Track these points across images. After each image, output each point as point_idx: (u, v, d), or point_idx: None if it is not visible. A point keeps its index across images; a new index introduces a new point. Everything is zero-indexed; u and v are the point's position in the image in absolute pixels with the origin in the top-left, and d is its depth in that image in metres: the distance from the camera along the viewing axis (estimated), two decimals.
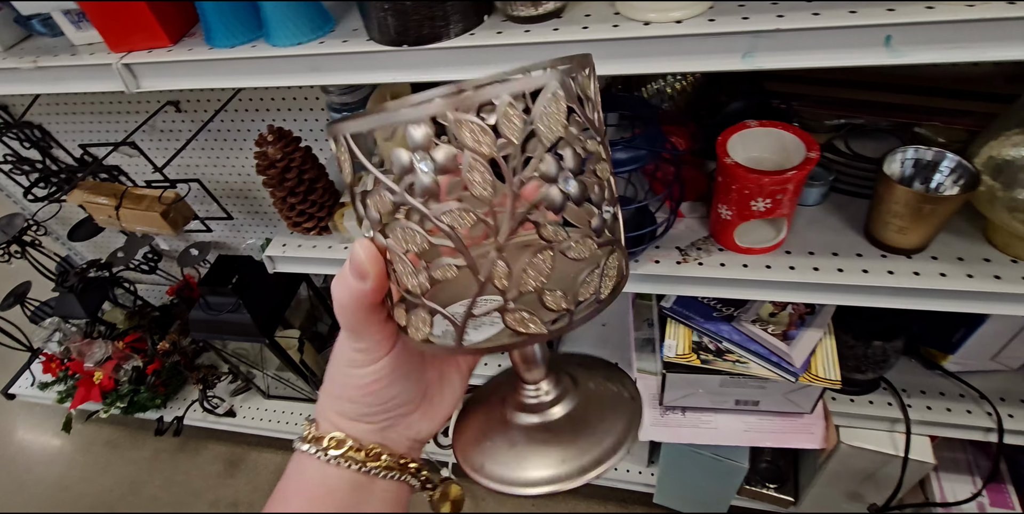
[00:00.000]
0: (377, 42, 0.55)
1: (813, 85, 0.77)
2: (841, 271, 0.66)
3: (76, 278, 1.55)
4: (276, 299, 1.30)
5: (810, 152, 0.63)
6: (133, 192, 1.21)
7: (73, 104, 1.26)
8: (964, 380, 0.87)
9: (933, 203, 0.61)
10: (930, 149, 0.63)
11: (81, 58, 0.67)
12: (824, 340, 0.74)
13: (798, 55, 0.46)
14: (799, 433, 0.80)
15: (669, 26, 0.47)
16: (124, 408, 1.48)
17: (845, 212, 0.73)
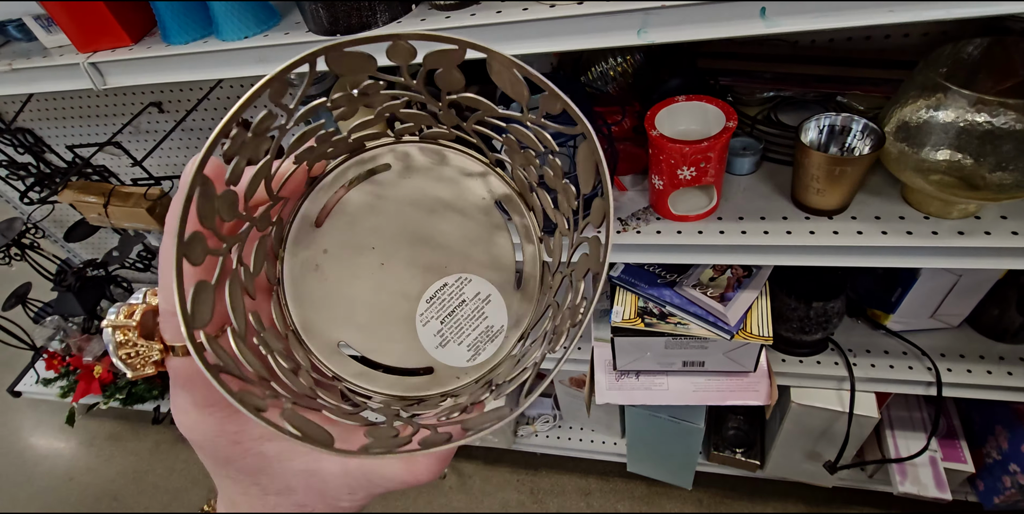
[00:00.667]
0: (314, 33, 0.60)
1: (742, 60, 0.81)
2: (767, 233, 0.71)
3: (74, 277, 1.62)
4: None
5: (728, 122, 0.67)
6: (120, 190, 1.26)
7: (61, 109, 1.32)
8: (907, 339, 0.91)
9: (844, 164, 0.65)
10: (839, 115, 0.68)
11: (52, 59, 0.72)
12: (759, 300, 0.79)
13: (686, 29, 0.50)
14: (744, 391, 0.85)
15: (571, 7, 0.52)
16: (123, 399, 1.54)
17: (775, 180, 0.78)
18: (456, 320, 0.26)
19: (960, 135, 0.59)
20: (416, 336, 0.26)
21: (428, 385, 0.26)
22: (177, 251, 0.17)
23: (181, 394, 0.22)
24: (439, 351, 0.26)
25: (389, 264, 0.26)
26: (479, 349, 0.26)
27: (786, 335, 0.91)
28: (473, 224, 0.26)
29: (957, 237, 0.65)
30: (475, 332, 0.26)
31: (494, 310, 0.26)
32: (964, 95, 0.57)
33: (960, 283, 0.82)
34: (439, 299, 0.26)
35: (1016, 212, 0.66)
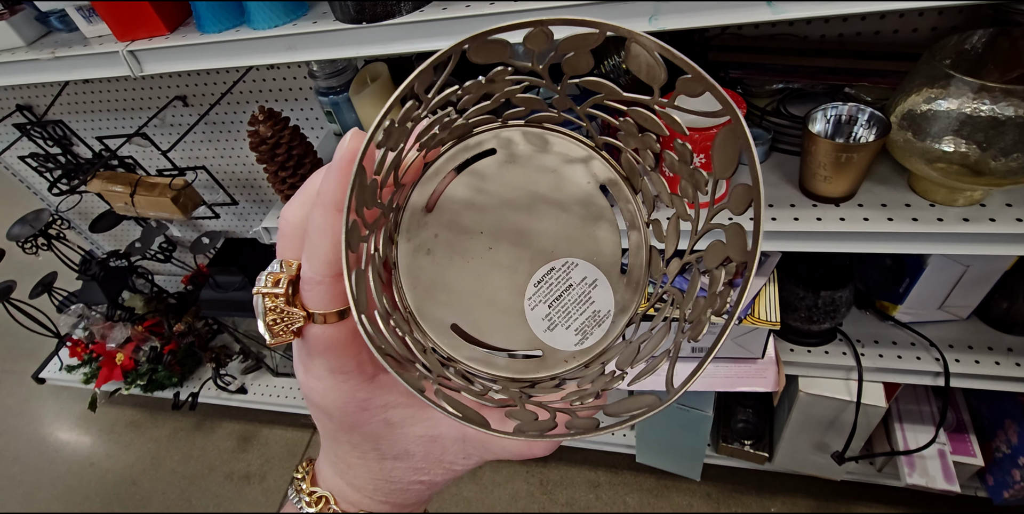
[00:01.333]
0: (341, 21, 0.63)
1: (752, 53, 0.83)
2: (774, 220, 0.73)
3: (98, 267, 1.66)
4: None
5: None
6: (146, 180, 1.30)
7: (91, 102, 1.37)
8: (915, 330, 0.92)
9: (850, 151, 0.67)
10: (846, 104, 0.69)
11: (92, 48, 0.76)
12: (767, 287, 0.81)
13: (695, 16, 0.52)
14: (752, 377, 0.86)
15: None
16: (144, 386, 1.59)
17: (784, 169, 0.79)
18: (563, 304, 0.26)
19: (964, 123, 0.61)
20: (525, 319, 0.26)
21: (536, 368, 0.26)
22: (344, 240, 0.18)
23: (317, 361, 0.23)
24: (547, 334, 0.26)
25: (497, 248, 0.26)
26: (586, 333, 0.26)
27: (794, 325, 0.92)
28: (577, 208, 0.26)
29: (962, 224, 0.66)
30: (582, 316, 0.26)
31: (600, 295, 0.26)
32: (967, 82, 0.58)
33: (968, 274, 0.83)
34: (546, 283, 0.26)
35: (1021, 200, 0.67)
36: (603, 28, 0.20)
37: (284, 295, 0.21)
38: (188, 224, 1.75)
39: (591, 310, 0.26)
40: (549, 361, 0.26)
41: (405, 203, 0.26)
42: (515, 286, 0.26)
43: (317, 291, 0.21)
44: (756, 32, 0.87)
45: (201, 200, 1.34)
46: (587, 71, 0.22)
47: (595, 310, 0.26)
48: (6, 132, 1.53)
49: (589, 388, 0.23)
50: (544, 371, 0.26)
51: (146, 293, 1.72)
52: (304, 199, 0.22)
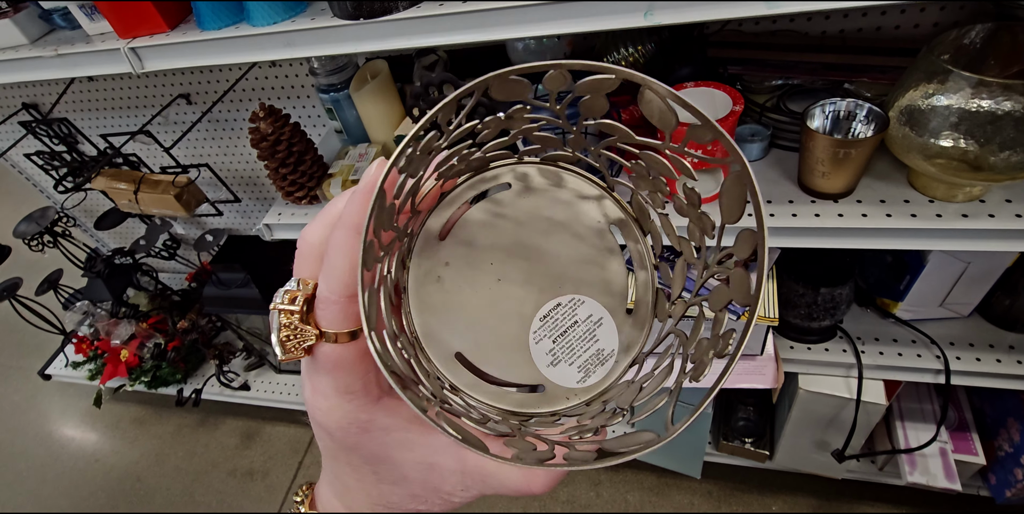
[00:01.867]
0: (339, 18, 0.63)
1: (751, 49, 0.83)
2: (772, 216, 0.72)
3: (103, 264, 1.68)
4: (282, 273, 1.40)
5: (735, 106, 0.69)
6: (150, 178, 1.31)
7: (95, 100, 1.38)
8: (916, 327, 0.92)
9: (848, 147, 0.67)
10: (845, 100, 0.69)
11: (94, 45, 0.76)
12: (766, 283, 0.80)
13: (690, 10, 0.52)
14: (751, 374, 0.86)
15: None
16: (148, 382, 1.60)
17: (783, 165, 0.79)
18: (568, 340, 0.26)
19: (963, 118, 0.60)
20: (528, 353, 0.26)
21: (537, 403, 0.27)
22: (361, 257, 0.19)
23: (324, 379, 0.23)
24: (550, 370, 0.26)
25: (506, 280, 0.26)
26: (589, 371, 0.26)
27: (794, 322, 0.92)
28: (586, 246, 0.27)
29: (961, 220, 0.66)
30: (586, 354, 0.26)
31: (605, 333, 0.26)
32: (965, 77, 0.58)
33: (969, 271, 0.83)
34: (552, 318, 0.26)
35: (1020, 196, 0.67)
36: (620, 75, 0.20)
37: (299, 312, 0.22)
38: (192, 221, 1.76)
39: (595, 348, 0.26)
40: (550, 397, 0.26)
41: (420, 229, 0.27)
42: (521, 319, 0.26)
43: (331, 310, 0.21)
44: (756, 28, 0.86)
45: (204, 197, 1.35)
46: (602, 113, 0.23)
47: (599, 348, 0.26)
48: (12, 130, 1.55)
49: (589, 424, 0.24)
50: (544, 406, 0.26)
51: (150, 290, 1.73)
52: (326, 220, 0.22)
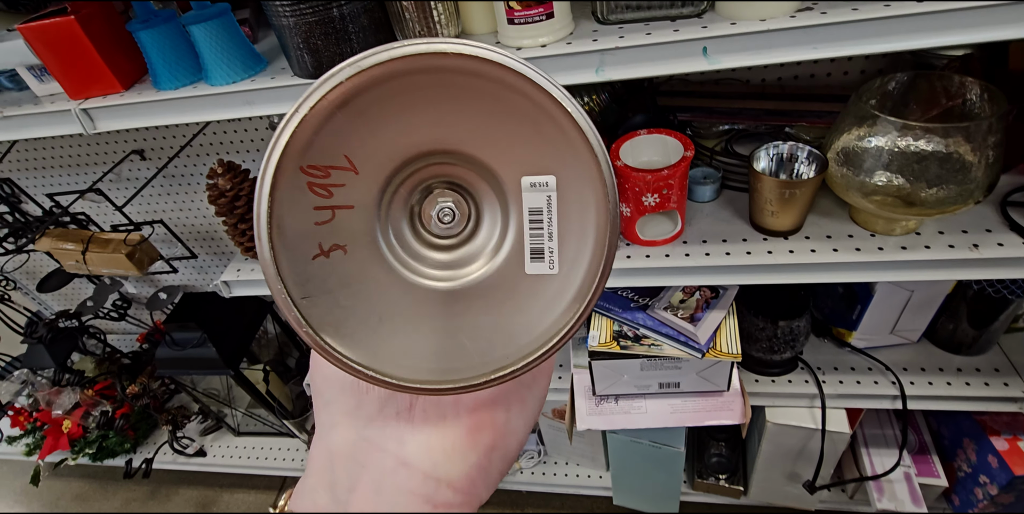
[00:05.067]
0: (299, 76, 0.64)
1: (699, 98, 0.88)
2: (728, 254, 0.75)
3: (45, 329, 1.59)
4: (241, 331, 1.35)
5: (686, 151, 0.73)
6: (99, 236, 1.27)
7: (43, 158, 1.34)
8: (871, 355, 0.95)
9: (793, 187, 0.71)
10: (786, 143, 0.74)
11: (43, 107, 0.75)
12: (727, 320, 0.83)
13: (638, 66, 0.56)
14: (720, 410, 0.87)
15: (535, 50, 0.58)
16: (93, 454, 1.49)
17: (735, 205, 0.83)
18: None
19: (893, 158, 0.65)
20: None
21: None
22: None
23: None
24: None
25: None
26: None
27: (757, 355, 0.94)
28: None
29: (901, 252, 0.70)
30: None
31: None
32: (891, 121, 0.63)
33: (913, 298, 0.87)
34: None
35: (951, 227, 0.72)
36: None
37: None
38: (144, 279, 1.69)
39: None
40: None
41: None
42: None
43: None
44: (702, 77, 0.92)
45: (158, 255, 1.31)
46: None
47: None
48: None
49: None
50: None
51: (98, 354, 1.64)
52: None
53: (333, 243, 0.24)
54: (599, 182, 0.23)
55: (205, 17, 0.65)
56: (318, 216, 0.23)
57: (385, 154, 0.23)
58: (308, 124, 0.21)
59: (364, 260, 0.25)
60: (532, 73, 0.21)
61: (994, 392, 0.87)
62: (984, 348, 0.93)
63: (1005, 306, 0.86)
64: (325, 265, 0.24)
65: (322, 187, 0.23)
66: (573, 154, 0.23)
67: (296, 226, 0.23)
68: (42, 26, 0.68)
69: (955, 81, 0.69)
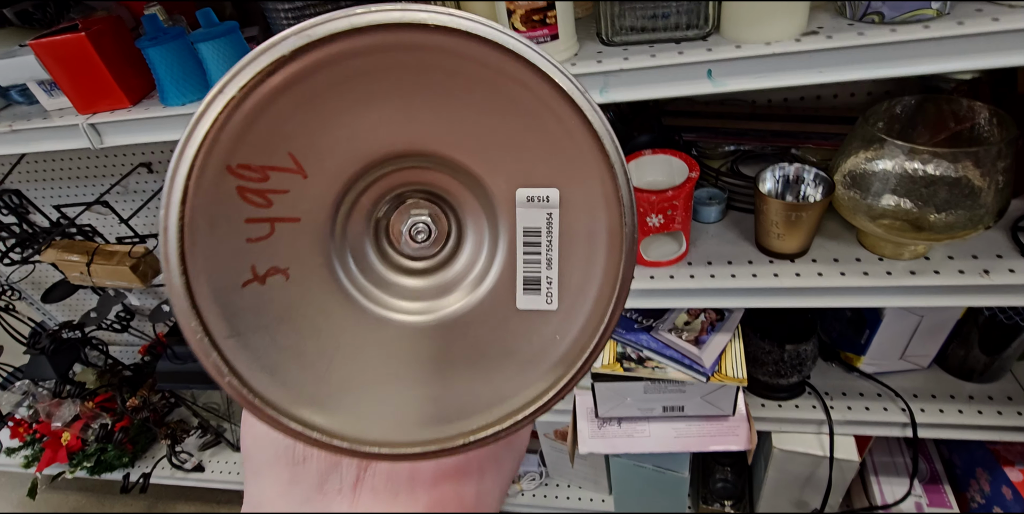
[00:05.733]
0: None
1: (704, 118, 0.88)
2: (734, 277, 0.74)
3: (48, 339, 1.59)
4: None
5: (691, 172, 0.72)
6: (104, 249, 1.27)
7: (51, 170, 1.35)
8: (880, 380, 0.93)
9: (799, 210, 0.70)
10: (792, 165, 0.73)
11: (52, 121, 0.76)
12: (732, 343, 0.81)
13: (642, 88, 0.55)
14: (725, 435, 0.85)
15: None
16: (91, 468, 1.48)
17: (740, 227, 0.82)
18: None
19: (900, 182, 0.64)
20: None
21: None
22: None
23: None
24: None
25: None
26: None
27: (763, 379, 0.92)
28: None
29: (909, 277, 0.69)
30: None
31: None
32: (898, 145, 0.62)
33: (923, 323, 0.86)
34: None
35: (961, 252, 0.70)
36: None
37: None
38: (148, 292, 1.69)
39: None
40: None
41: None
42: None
43: None
44: (708, 98, 0.92)
45: None
46: None
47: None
48: None
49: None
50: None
51: (99, 366, 1.64)
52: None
53: (271, 266, 0.19)
54: (613, 199, 0.19)
55: (213, 35, 0.66)
56: (252, 231, 0.18)
57: (343, 153, 0.18)
58: (239, 111, 0.17)
59: (312, 287, 0.19)
60: (537, 58, 0.17)
61: (1007, 421, 0.85)
62: (997, 375, 0.91)
63: (1018, 333, 0.84)
64: (260, 294, 0.19)
65: (258, 193, 0.18)
66: (582, 163, 0.19)
67: (221, 243, 0.18)
68: (53, 42, 0.68)
69: (963, 105, 0.69)
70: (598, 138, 0.18)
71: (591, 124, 0.18)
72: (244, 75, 0.17)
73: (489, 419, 0.20)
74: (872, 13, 0.53)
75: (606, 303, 0.20)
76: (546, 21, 0.56)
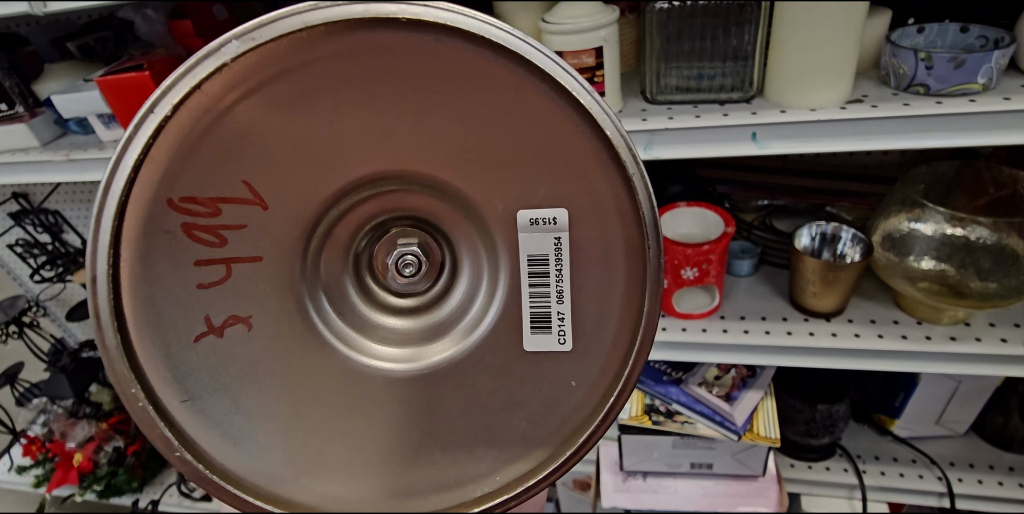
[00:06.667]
0: None
1: (737, 170, 0.88)
2: (768, 334, 0.73)
3: (69, 358, 1.60)
4: None
5: (727, 227, 0.72)
6: None
7: (89, 193, 1.39)
8: (914, 446, 0.90)
9: (836, 270, 0.69)
10: (830, 224, 0.73)
11: (107, 152, 0.79)
12: (765, 401, 0.79)
13: (686, 147, 0.56)
14: (754, 497, 0.82)
15: None
16: (100, 492, 1.46)
17: (773, 282, 0.82)
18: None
19: (941, 247, 0.64)
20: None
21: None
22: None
23: None
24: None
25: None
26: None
27: (793, 438, 0.90)
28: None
29: (950, 343, 0.67)
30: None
31: None
32: (940, 211, 0.62)
33: (960, 389, 0.83)
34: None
35: (1003, 320, 0.69)
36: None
37: None
38: None
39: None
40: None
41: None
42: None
43: None
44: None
45: None
46: None
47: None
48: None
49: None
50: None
51: None
52: None
53: (229, 314, 0.16)
54: (631, 216, 0.16)
55: None
56: (203, 275, 0.15)
57: (309, 179, 0.15)
58: (175, 132, 0.14)
59: (280, 337, 0.17)
60: (533, 53, 0.14)
61: None
62: None
63: None
64: (217, 348, 0.16)
65: (208, 230, 0.15)
66: (593, 176, 0.16)
67: (166, 292, 0.15)
68: (119, 80, 0.72)
69: (1004, 172, 0.69)
70: (612, 146, 0.15)
71: (602, 129, 0.15)
72: (179, 90, 0.14)
73: (494, 486, 0.17)
74: (917, 84, 0.54)
75: (628, 342, 0.17)
76: (594, 80, 0.58)
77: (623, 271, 0.17)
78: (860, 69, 0.57)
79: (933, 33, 0.60)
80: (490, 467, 0.17)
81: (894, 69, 0.56)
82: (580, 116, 0.15)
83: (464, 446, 0.17)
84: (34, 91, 0.88)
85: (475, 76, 0.14)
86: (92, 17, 0.99)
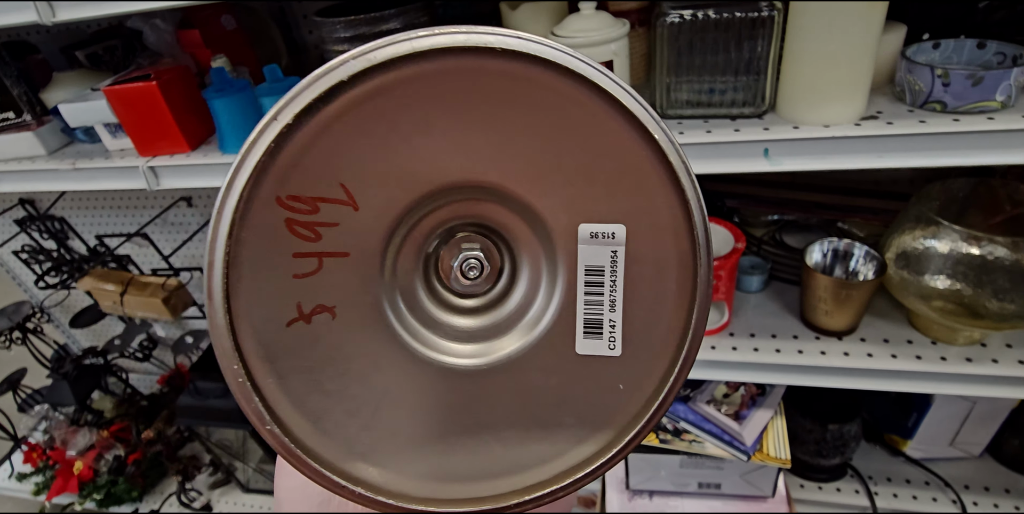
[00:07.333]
0: None
1: (746, 185, 0.87)
2: (779, 352, 0.72)
3: (71, 365, 1.59)
4: None
5: (737, 243, 0.71)
6: (139, 279, 1.29)
7: (95, 200, 1.40)
8: (928, 467, 0.88)
9: (849, 288, 0.68)
10: (842, 241, 0.72)
11: (113, 161, 0.78)
12: (774, 420, 0.78)
13: (696, 163, 0.55)
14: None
15: None
16: (100, 500, 1.45)
17: (783, 298, 0.80)
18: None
19: (956, 265, 0.62)
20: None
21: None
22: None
23: None
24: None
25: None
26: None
27: (803, 458, 0.88)
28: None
29: (966, 364, 0.66)
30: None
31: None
32: (956, 230, 0.61)
33: (975, 410, 0.82)
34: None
35: (1020, 341, 0.67)
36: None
37: None
38: (174, 322, 1.71)
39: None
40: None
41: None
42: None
43: None
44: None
45: (192, 301, 1.33)
46: None
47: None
48: (4, 225, 1.54)
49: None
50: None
51: (118, 395, 1.64)
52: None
53: (318, 303, 0.18)
54: (685, 236, 0.18)
55: (278, 90, 0.68)
56: (299, 266, 0.17)
57: (396, 185, 0.18)
58: (291, 139, 0.16)
59: (360, 327, 0.18)
60: (609, 84, 0.16)
61: None
62: None
63: None
64: (305, 333, 0.18)
65: (307, 226, 0.17)
66: (653, 197, 0.17)
67: (267, 280, 0.17)
68: (126, 89, 0.72)
69: (1021, 190, 0.68)
70: (673, 171, 0.17)
71: (666, 156, 0.17)
72: (300, 101, 0.16)
73: (545, 475, 0.19)
74: (934, 101, 0.53)
75: (675, 351, 0.18)
76: None
77: (674, 285, 0.18)
78: (874, 85, 0.57)
79: (949, 49, 0.59)
80: (540, 459, 0.19)
81: (910, 85, 0.55)
82: (646, 142, 0.17)
83: (516, 438, 0.19)
84: (42, 99, 0.88)
85: (554, 101, 0.16)
86: (101, 26, 1.00)
